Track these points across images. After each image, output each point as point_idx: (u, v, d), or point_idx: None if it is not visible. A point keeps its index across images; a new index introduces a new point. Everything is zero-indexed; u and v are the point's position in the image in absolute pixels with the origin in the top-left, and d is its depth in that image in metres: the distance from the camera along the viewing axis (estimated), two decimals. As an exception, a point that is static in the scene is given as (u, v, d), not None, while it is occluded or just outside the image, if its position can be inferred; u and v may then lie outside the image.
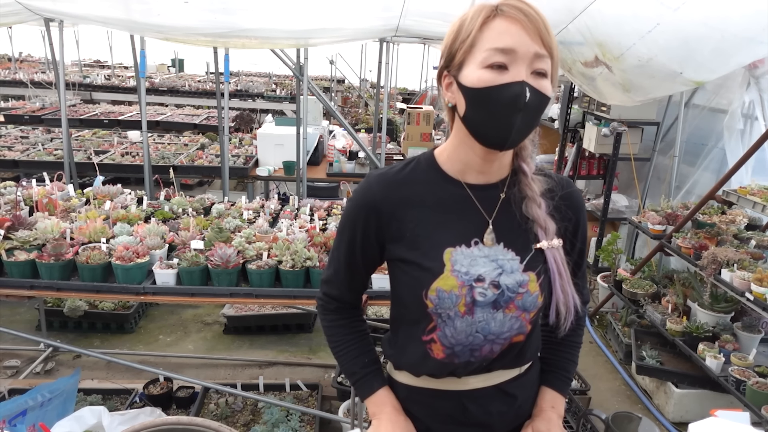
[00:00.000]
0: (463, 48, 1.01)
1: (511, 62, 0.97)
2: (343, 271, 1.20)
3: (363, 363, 1.21)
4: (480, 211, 1.09)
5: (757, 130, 3.79)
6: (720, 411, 1.46)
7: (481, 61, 0.98)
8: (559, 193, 1.13)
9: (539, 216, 1.08)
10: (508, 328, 1.08)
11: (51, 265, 2.24)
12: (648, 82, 3.04)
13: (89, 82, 8.57)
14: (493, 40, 0.97)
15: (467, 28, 1.00)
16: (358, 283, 1.24)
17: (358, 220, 1.13)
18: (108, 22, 3.69)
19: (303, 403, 2.96)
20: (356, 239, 1.14)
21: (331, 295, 1.24)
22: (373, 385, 1.20)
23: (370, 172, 1.19)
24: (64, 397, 2.45)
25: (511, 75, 0.96)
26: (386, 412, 1.18)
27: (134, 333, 3.85)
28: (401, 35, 3.93)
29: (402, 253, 1.09)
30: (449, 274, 1.04)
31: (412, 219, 1.09)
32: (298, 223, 2.82)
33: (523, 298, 1.06)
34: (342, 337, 1.23)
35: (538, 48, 0.96)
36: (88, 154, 5.00)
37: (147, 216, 2.86)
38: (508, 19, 0.97)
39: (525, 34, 0.96)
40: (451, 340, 1.07)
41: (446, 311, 1.05)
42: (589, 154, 5.04)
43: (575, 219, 1.16)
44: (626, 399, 3.37)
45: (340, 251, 1.18)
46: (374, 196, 1.11)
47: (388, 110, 4.58)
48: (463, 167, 1.10)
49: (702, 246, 3.16)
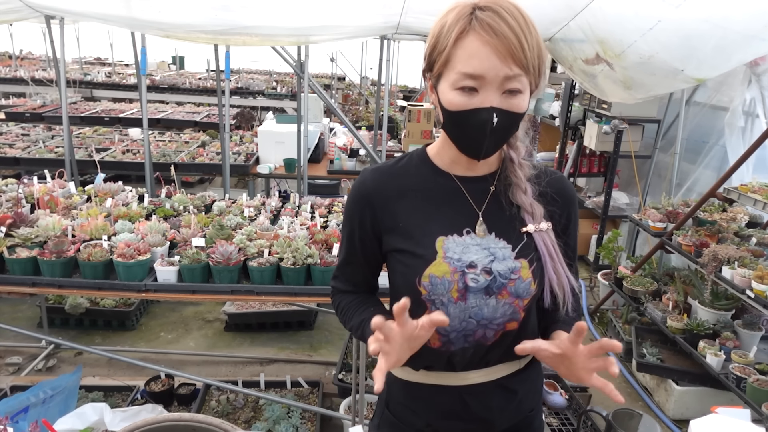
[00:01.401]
0: (439, 61, 1.02)
1: (480, 86, 0.98)
2: (348, 266, 1.24)
3: (369, 312, 1.15)
4: (470, 203, 1.12)
5: (758, 127, 3.79)
6: (721, 408, 1.47)
7: (452, 83, 0.99)
8: (545, 179, 1.14)
9: (525, 201, 1.10)
10: (501, 314, 1.09)
11: (53, 263, 2.24)
12: (649, 80, 3.04)
13: (90, 80, 8.55)
14: (463, 62, 0.97)
15: (443, 41, 1.00)
16: (360, 279, 1.25)
17: (355, 214, 1.16)
18: (109, 20, 3.68)
19: (304, 400, 2.97)
20: (355, 233, 1.17)
21: (340, 289, 1.27)
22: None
23: (364, 168, 1.21)
24: (66, 394, 2.46)
25: (479, 99, 0.98)
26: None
27: (135, 330, 3.86)
28: (402, 32, 3.92)
29: (396, 243, 1.12)
30: (441, 261, 1.07)
31: (404, 210, 1.12)
32: (299, 220, 2.83)
33: (515, 284, 1.08)
34: (349, 303, 1.22)
35: (507, 70, 0.96)
36: (89, 152, 4.99)
37: (148, 213, 2.86)
38: (479, 39, 0.95)
39: (495, 56, 0.95)
40: (446, 326, 1.07)
41: (439, 297, 1.07)
42: (590, 152, 5.04)
43: (566, 217, 1.17)
44: (627, 396, 3.37)
45: (343, 247, 1.23)
46: (368, 190, 1.14)
47: (388, 107, 4.57)
48: (451, 161, 1.14)
49: (703, 243, 3.16)
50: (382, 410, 1.28)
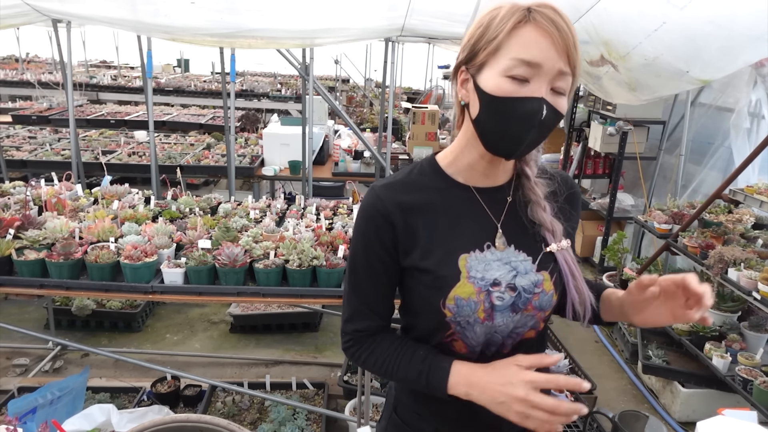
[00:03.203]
0: (487, 49, 0.97)
1: (533, 76, 0.93)
2: (372, 295, 1.11)
3: (421, 357, 1.08)
4: (488, 215, 1.08)
5: (763, 128, 3.78)
6: (727, 410, 1.46)
7: (504, 69, 0.94)
8: (562, 195, 1.13)
9: (545, 219, 1.08)
10: (522, 324, 1.08)
11: (60, 264, 2.26)
12: (654, 81, 3.04)
13: (96, 83, 8.61)
14: (519, 49, 0.93)
15: (495, 29, 0.96)
16: (388, 306, 1.14)
17: (372, 235, 1.07)
18: (115, 23, 3.71)
19: (309, 402, 2.98)
20: (374, 255, 1.07)
21: (361, 329, 1.12)
22: (442, 367, 1.04)
23: (372, 184, 1.16)
24: (73, 395, 2.47)
25: (531, 89, 0.94)
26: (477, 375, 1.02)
27: (141, 332, 3.87)
28: (407, 35, 3.94)
29: (415, 262, 1.06)
30: (466, 281, 1.02)
31: (423, 226, 1.06)
32: (304, 222, 2.83)
33: (539, 298, 1.06)
34: (386, 350, 1.10)
35: (563, 65, 0.93)
36: (95, 154, 5.02)
37: (155, 215, 2.88)
38: (539, 29, 0.93)
39: (553, 49, 0.92)
40: (471, 341, 1.07)
41: (465, 318, 1.03)
42: (595, 153, 5.03)
43: (576, 217, 1.18)
44: (632, 398, 3.36)
45: (360, 276, 1.10)
46: (385, 207, 1.06)
47: (393, 110, 4.58)
48: (467, 170, 1.09)
49: (708, 245, 3.15)
50: (389, 414, 1.27)
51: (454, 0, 3.39)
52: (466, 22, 3.55)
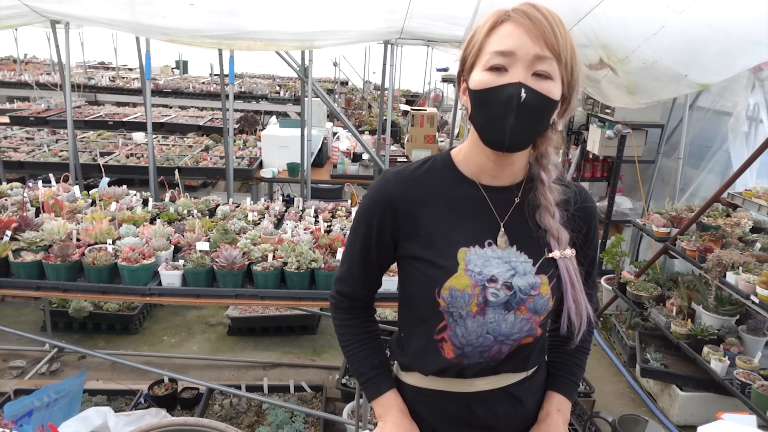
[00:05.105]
0: (472, 52, 1.04)
1: (510, 64, 0.98)
2: (357, 268, 1.20)
3: (372, 364, 1.22)
4: (493, 213, 1.10)
5: (761, 132, 3.78)
6: (727, 414, 1.46)
7: (484, 64, 1.00)
8: (575, 205, 1.13)
9: (552, 226, 1.09)
10: (518, 330, 1.08)
11: (57, 266, 2.25)
12: (653, 85, 3.04)
13: (94, 84, 8.60)
14: (495, 43, 0.99)
15: (477, 34, 1.04)
16: (372, 281, 1.24)
17: (374, 217, 1.13)
18: (114, 24, 3.70)
19: (307, 405, 2.97)
20: (372, 236, 1.14)
21: (344, 293, 1.24)
22: (381, 387, 1.21)
23: (386, 169, 1.20)
24: (70, 398, 2.46)
25: (508, 77, 0.98)
26: (392, 415, 1.19)
27: (139, 334, 3.86)
28: (406, 37, 3.94)
29: (416, 251, 1.10)
30: (463, 274, 1.05)
31: (427, 217, 1.10)
32: (302, 224, 2.83)
33: (534, 300, 1.07)
34: (353, 336, 1.24)
35: (539, 50, 0.97)
36: (93, 156, 5.01)
37: (152, 217, 2.87)
38: (513, 24, 0.99)
39: (527, 36, 0.97)
40: (461, 340, 1.08)
41: (458, 310, 1.06)
42: (593, 157, 5.03)
43: (586, 228, 1.16)
44: (630, 402, 3.36)
45: (355, 248, 1.18)
46: (391, 193, 1.12)
47: (391, 112, 4.58)
48: (477, 169, 1.12)
49: (707, 248, 3.15)
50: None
51: (454, 3, 3.39)
52: (466, 25, 3.56)
